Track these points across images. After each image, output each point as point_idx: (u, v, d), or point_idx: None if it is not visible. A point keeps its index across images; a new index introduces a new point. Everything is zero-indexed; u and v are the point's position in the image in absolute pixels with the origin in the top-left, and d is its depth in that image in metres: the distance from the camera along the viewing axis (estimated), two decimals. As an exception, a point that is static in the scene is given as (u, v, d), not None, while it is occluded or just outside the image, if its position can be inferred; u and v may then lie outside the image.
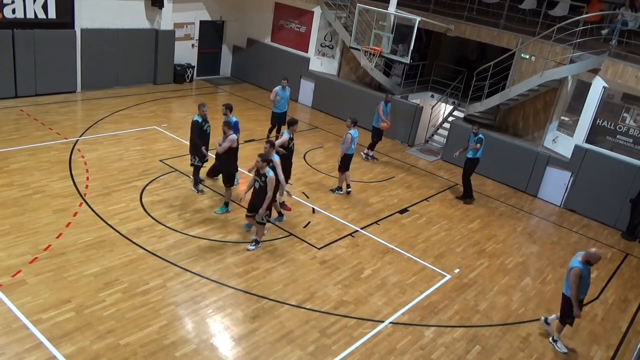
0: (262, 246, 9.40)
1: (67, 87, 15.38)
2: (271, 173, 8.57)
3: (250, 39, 19.47)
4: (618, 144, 12.73)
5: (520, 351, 7.90)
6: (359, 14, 14.58)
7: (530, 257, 10.78)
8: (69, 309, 7.11)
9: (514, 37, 14.21)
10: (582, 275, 7.54)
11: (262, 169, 8.62)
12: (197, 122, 10.49)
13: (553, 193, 13.54)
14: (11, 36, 13.84)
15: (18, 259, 7.92)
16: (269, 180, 8.56)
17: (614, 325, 8.94)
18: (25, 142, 11.82)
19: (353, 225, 10.69)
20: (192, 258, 8.70)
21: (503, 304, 8.98)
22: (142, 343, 6.77)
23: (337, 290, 8.54)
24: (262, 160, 8.59)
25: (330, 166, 13.47)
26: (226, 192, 10.35)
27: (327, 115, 17.55)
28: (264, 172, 8.60)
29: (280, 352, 7.03)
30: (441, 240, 10.76)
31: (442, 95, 16.83)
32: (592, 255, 7.55)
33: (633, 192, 12.17)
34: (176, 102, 16.61)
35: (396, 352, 7.42)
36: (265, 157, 8.68)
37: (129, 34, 16.30)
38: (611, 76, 12.31)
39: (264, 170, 8.61)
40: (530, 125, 14.67)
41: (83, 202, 9.79)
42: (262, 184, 8.63)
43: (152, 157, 12.20)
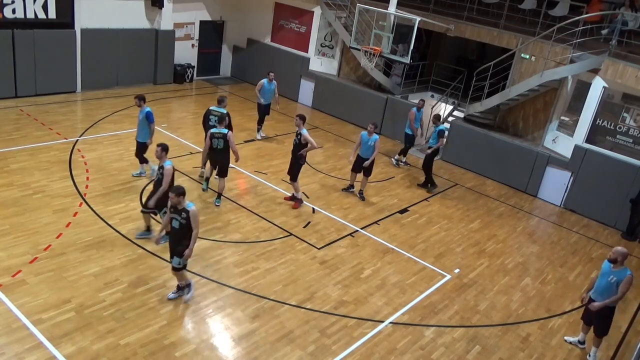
0: (262, 246, 9.40)
1: (67, 87, 15.38)
2: (193, 206, 7.10)
3: (250, 39, 19.47)
4: (618, 144, 12.73)
5: (520, 351, 7.90)
6: (359, 14, 14.59)
7: (530, 257, 10.78)
8: (69, 309, 7.11)
9: (514, 37, 14.21)
10: None
11: (179, 204, 7.09)
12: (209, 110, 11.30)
13: (553, 193, 13.54)
14: (11, 36, 13.83)
15: (18, 259, 7.92)
16: (192, 215, 7.06)
17: (613, 325, 8.86)
18: (25, 142, 11.82)
19: (353, 225, 10.69)
20: (192, 258, 8.65)
21: (503, 304, 8.98)
22: (142, 343, 6.77)
23: (337, 290, 8.54)
24: (177, 194, 7.00)
25: (330, 166, 13.48)
26: (220, 183, 10.45)
27: (327, 115, 17.55)
28: (184, 207, 7.08)
29: (280, 352, 7.03)
30: (441, 240, 10.76)
31: (442, 95, 16.82)
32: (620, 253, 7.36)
33: (633, 192, 12.17)
34: (176, 102, 16.61)
35: (396, 352, 7.42)
36: (178, 190, 7.03)
37: (129, 34, 16.29)
38: (611, 76, 12.31)
39: (182, 205, 7.09)
40: (530, 125, 14.67)
41: (83, 202, 9.79)
42: (184, 221, 7.08)
43: (152, 157, 12.17)
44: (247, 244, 9.40)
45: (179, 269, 7.45)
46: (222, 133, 9.92)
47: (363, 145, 11.40)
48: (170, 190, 7.20)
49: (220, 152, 10.05)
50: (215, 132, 9.97)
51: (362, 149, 11.45)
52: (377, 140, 11.33)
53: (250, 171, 12.36)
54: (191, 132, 14.13)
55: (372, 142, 11.28)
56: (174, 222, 7.19)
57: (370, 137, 11.26)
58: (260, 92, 14.04)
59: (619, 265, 7.31)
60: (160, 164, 8.39)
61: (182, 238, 7.19)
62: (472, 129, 14.67)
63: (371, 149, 11.34)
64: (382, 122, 16.17)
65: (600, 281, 7.47)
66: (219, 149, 10.02)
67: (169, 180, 8.29)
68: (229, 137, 9.95)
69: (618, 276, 7.27)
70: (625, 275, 7.24)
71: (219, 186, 10.44)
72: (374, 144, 11.30)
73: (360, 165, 11.53)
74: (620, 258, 7.28)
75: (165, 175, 8.28)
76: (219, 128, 10.02)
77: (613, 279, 7.29)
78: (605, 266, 7.45)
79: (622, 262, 7.30)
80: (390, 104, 16.13)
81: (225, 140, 9.92)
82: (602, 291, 7.42)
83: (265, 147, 13.93)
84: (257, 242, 9.53)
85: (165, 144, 8.43)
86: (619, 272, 7.29)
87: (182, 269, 7.48)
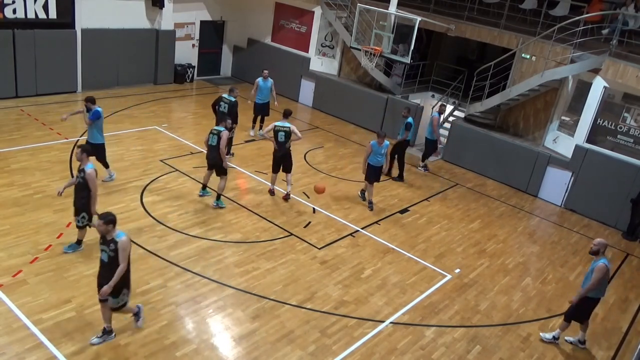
0: (263, 246, 9.39)
1: (67, 87, 15.38)
2: (123, 236, 6.25)
3: (250, 39, 19.47)
4: (619, 144, 12.73)
5: (520, 351, 7.89)
6: (359, 14, 14.58)
7: (530, 257, 10.78)
8: (69, 308, 7.11)
9: (514, 37, 14.20)
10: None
11: (108, 233, 6.20)
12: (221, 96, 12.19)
13: (554, 193, 13.54)
14: (12, 36, 13.84)
15: (18, 259, 7.92)
16: (121, 247, 6.18)
17: (614, 325, 8.94)
18: (25, 142, 11.82)
19: (353, 225, 10.69)
20: (193, 258, 8.70)
21: (504, 304, 8.97)
22: (142, 343, 6.77)
23: (338, 290, 8.54)
24: (106, 222, 6.13)
25: (331, 166, 13.48)
26: (221, 183, 10.36)
27: (327, 115, 17.55)
28: (112, 237, 6.21)
29: (280, 352, 7.03)
30: (442, 240, 10.76)
31: (442, 95, 16.81)
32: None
33: (634, 192, 12.16)
34: (176, 102, 16.61)
35: (397, 352, 7.41)
36: (107, 217, 6.16)
37: (129, 34, 16.30)
38: (612, 76, 12.30)
39: (111, 235, 6.22)
40: (530, 125, 14.66)
41: (83, 202, 9.78)
42: (112, 253, 6.21)
43: (153, 157, 12.20)
44: (248, 244, 9.40)
45: (117, 309, 6.52)
46: (218, 130, 9.98)
47: (375, 155, 11.10)
48: (99, 217, 6.22)
49: (213, 149, 10.05)
50: (214, 128, 10.07)
51: (374, 158, 11.14)
52: (388, 146, 11.26)
53: (251, 171, 12.36)
54: (191, 132, 14.13)
55: (384, 151, 11.14)
56: (102, 254, 6.27)
57: (381, 145, 11.03)
58: (256, 91, 14.03)
59: (599, 256, 7.59)
60: (81, 167, 7.67)
61: (112, 272, 6.20)
62: (472, 129, 14.66)
63: (384, 157, 11.25)
64: (382, 122, 16.17)
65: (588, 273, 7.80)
66: (212, 146, 10.04)
67: (95, 184, 7.72)
68: (221, 135, 9.94)
69: (592, 265, 7.58)
70: (597, 264, 7.50)
71: (219, 186, 10.39)
72: (386, 151, 11.19)
73: (374, 174, 11.28)
74: (601, 248, 7.58)
75: (89, 180, 7.65)
76: (219, 126, 10.08)
77: (590, 269, 7.63)
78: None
79: (603, 252, 7.60)
80: (390, 104, 16.13)
81: (219, 138, 9.94)
82: (583, 281, 7.82)
83: (265, 147, 13.92)
84: (258, 242, 9.54)
85: (87, 146, 8.07)
86: (595, 261, 7.59)
87: (121, 307, 6.55)
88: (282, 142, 10.78)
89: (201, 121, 15.06)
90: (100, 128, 10.23)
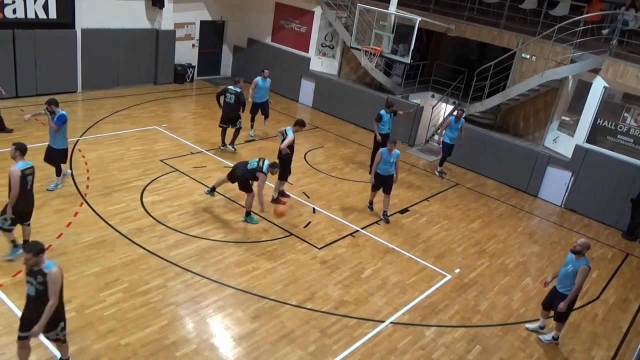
0: (263, 246, 9.39)
1: (67, 87, 15.38)
2: (53, 267, 5.45)
3: (250, 39, 19.47)
4: (619, 144, 12.73)
5: (520, 351, 7.89)
6: (359, 14, 14.58)
7: (530, 257, 10.78)
8: (69, 309, 7.08)
9: (514, 37, 14.21)
10: None
11: (36, 265, 5.42)
12: (226, 88, 12.58)
13: (554, 193, 13.54)
14: (12, 36, 13.84)
15: (18, 259, 7.91)
16: (50, 279, 5.39)
17: (614, 325, 8.94)
18: (25, 142, 11.73)
19: (353, 225, 10.69)
20: (193, 258, 8.70)
21: (504, 304, 8.97)
22: (142, 343, 6.77)
23: (338, 290, 8.54)
24: (34, 252, 5.35)
25: (331, 166, 13.48)
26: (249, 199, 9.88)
27: (327, 115, 17.55)
28: (41, 268, 5.43)
29: (280, 352, 7.03)
30: (442, 240, 10.76)
31: (442, 95, 16.81)
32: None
33: (634, 192, 12.16)
34: (176, 102, 16.61)
35: (397, 352, 7.41)
36: (34, 248, 5.39)
37: (129, 34, 16.30)
38: (612, 76, 12.30)
39: (40, 266, 5.43)
40: (530, 125, 14.67)
41: (83, 202, 9.79)
42: (40, 286, 5.43)
43: (153, 157, 12.20)
44: (248, 244, 9.40)
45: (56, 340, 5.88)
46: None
47: (384, 163, 10.70)
48: (25, 249, 5.47)
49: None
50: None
51: (383, 167, 10.72)
52: (398, 155, 10.84)
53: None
54: (192, 132, 14.13)
55: (394, 159, 10.71)
56: (29, 287, 5.50)
57: (392, 154, 10.63)
58: (254, 90, 14.02)
59: (580, 256, 7.59)
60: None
61: (41, 308, 5.46)
62: (472, 129, 14.64)
63: (394, 165, 10.81)
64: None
65: (563, 270, 7.80)
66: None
67: (15, 184, 7.24)
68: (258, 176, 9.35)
69: (575, 266, 7.56)
70: (580, 265, 7.50)
71: (246, 202, 9.93)
72: (396, 160, 10.86)
73: (382, 183, 10.94)
74: (584, 250, 7.58)
75: (11, 178, 7.21)
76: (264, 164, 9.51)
77: (571, 268, 7.60)
78: (569, 256, 7.75)
79: (584, 253, 7.61)
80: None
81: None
82: (561, 278, 7.79)
83: (265, 147, 13.92)
84: (258, 242, 9.54)
85: (23, 144, 7.57)
86: (577, 262, 7.57)
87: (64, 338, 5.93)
88: None
89: (201, 121, 15.07)
90: (65, 133, 9.87)
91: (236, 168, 9.82)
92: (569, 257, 7.77)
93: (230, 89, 12.47)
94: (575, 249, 7.63)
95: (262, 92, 14.16)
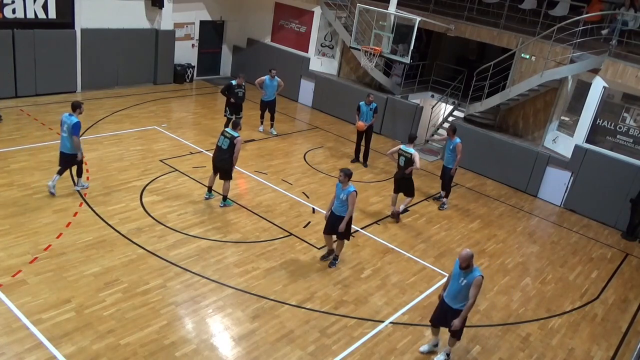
0: (263, 246, 9.40)
1: (67, 87, 15.37)
2: None
3: (250, 39, 19.47)
4: (618, 144, 12.73)
5: (520, 351, 7.89)
6: (359, 14, 14.59)
7: (530, 257, 10.78)
8: (69, 308, 7.11)
9: (514, 37, 14.21)
10: None
11: None
12: (231, 84, 13.18)
13: (553, 193, 13.54)
14: (11, 36, 13.83)
15: (18, 259, 7.92)
16: None
17: (614, 325, 8.94)
18: (25, 142, 11.82)
19: (353, 225, 10.67)
20: (192, 258, 8.70)
21: (503, 304, 8.98)
22: (142, 343, 6.77)
23: (337, 290, 8.54)
24: None
25: (331, 166, 13.48)
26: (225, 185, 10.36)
27: (327, 115, 17.55)
28: None
29: (280, 352, 7.03)
30: (441, 240, 10.76)
31: (442, 95, 16.83)
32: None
33: (633, 192, 12.17)
34: (176, 102, 16.61)
35: (396, 352, 7.42)
36: None
37: (129, 34, 16.29)
38: (611, 76, 12.30)
39: None
40: (530, 125, 14.67)
41: (83, 202, 9.79)
42: None
43: (152, 157, 12.20)
44: (247, 243, 9.40)
45: None
46: (232, 135, 9.90)
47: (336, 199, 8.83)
48: None
49: (223, 151, 9.99)
50: (226, 131, 10.05)
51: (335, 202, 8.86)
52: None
53: (251, 171, 12.36)
54: (191, 132, 14.13)
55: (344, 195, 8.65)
56: None
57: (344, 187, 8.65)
58: (262, 88, 14.32)
59: (469, 269, 6.75)
60: None
61: None
62: (472, 129, 14.66)
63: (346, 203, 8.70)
64: (382, 122, 16.19)
65: (452, 285, 6.91)
66: (222, 149, 10.00)
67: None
68: (236, 142, 9.85)
69: (469, 279, 6.74)
70: (474, 277, 6.71)
71: (223, 187, 10.36)
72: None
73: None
74: (470, 262, 6.73)
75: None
76: (233, 131, 9.98)
77: (463, 281, 6.78)
78: (457, 271, 6.86)
79: (472, 265, 6.77)
80: (390, 104, 16.14)
81: (232, 143, 9.86)
82: (454, 294, 6.92)
83: (265, 147, 13.94)
84: (257, 242, 9.54)
85: None
86: (470, 274, 6.75)
87: None
88: (402, 166, 10.84)
89: (201, 121, 15.07)
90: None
91: (216, 160, 10.16)
92: (456, 272, 6.85)
93: (234, 85, 13.14)
94: (462, 266, 6.72)
95: (269, 91, 14.37)
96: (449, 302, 6.99)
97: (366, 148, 13.82)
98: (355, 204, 8.69)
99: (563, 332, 8.47)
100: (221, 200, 10.50)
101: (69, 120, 9.61)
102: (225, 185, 10.32)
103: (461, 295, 6.85)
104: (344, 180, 8.61)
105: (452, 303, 6.96)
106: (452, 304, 6.95)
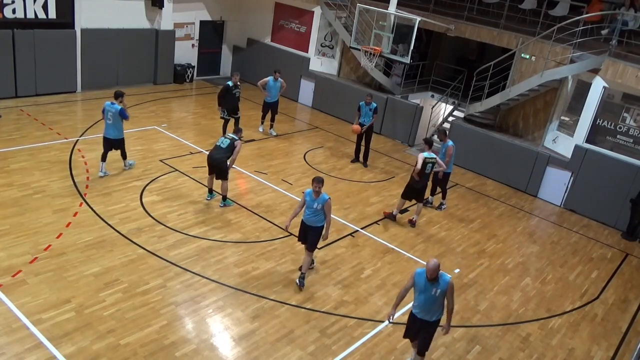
0: (263, 246, 9.39)
1: (67, 87, 15.38)
2: None
3: (250, 39, 19.47)
4: (618, 144, 12.73)
5: (520, 351, 7.89)
6: (359, 14, 14.59)
7: (530, 257, 10.78)
8: (69, 308, 7.11)
9: (514, 37, 14.21)
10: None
11: None
12: (228, 86, 12.98)
13: (553, 193, 13.54)
14: (11, 36, 13.83)
15: (18, 259, 7.92)
16: None
17: (614, 325, 8.94)
18: (25, 142, 11.82)
19: (353, 225, 10.69)
20: (192, 258, 8.70)
21: (503, 304, 8.97)
22: (142, 343, 6.77)
23: (337, 290, 8.54)
24: None
25: (331, 166, 13.48)
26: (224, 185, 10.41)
27: (327, 115, 17.56)
28: None
29: (280, 352, 7.03)
30: (441, 240, 10.76)
31: (442, 95, 16.83)
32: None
33: (633, 192, 12.17)
34: (176, 102, 16.61)
35: (396, 352, 7.42)
36: None
37: (129, 34, 16.30)
38: (611, 76, 12.30)
39: None
40: (530, 125, 14.67)
41: (83, 202, 9.79)
42: None
43: (152, 157, 12.20)
44: (247, 243, 9.40)
45: None
46: (233, 138, 10.11)
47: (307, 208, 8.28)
48: None
49: (220, 150, 10.01)
50: (228, 134, 10.29)
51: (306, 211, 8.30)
52: (325, 202, 8.19)
53: (251, 171, 12.36)
54: (191, 132, 14.13)
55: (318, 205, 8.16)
56: None
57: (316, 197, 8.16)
58: (265, 88, 14.31)
59: (437, 278, 6.42)
60: None
61: None
62: (472, 129, 14.67)
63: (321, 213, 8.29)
64: (382, 122, 16.19)
65: (423, 298, 6.51)
66: (220, 147, 10.03)
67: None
68: (235, 144, 10.01)
69: (441, 287, 6.43)
70: (447, 282, 6.45)
71: (222, 187, 10.39)
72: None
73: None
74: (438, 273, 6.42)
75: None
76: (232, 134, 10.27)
77: (437, 291, 6.44)
78: (420, 281, 6.48)
79: (438, 274, 6.43)
80: (390, 104, 16.14)
81: (232, 145, 10.00)
82: (429, 307, 6.54)
83: (265, 147, 13.94)
84: (257, 242, 9.54)
85: None
86: (440, 282, 6.43)
87: None
88: (427, 173, 10.53)
89: (201, 121, 15.07)
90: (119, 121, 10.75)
91: (212, 158, 10.12)
92: (423, 284, 6.46)
93: (230, 87, 12.96)
94: (432, 277, 6.35)
95: (273, 92, 14.37)
96: (424, 316, 6.60)
97: (366, 148, 13.82)
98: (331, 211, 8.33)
99: (563, 332, 8.47)
100: (221, 200, 10.51)
101: (113, 109, 10.44)
102: (223, 185, 10.34)
103: (437, 305, 6.55)
104: (321, 189, 8.08)
105: (428, 317, 6.59)
106: (429, 317, 6.59)
